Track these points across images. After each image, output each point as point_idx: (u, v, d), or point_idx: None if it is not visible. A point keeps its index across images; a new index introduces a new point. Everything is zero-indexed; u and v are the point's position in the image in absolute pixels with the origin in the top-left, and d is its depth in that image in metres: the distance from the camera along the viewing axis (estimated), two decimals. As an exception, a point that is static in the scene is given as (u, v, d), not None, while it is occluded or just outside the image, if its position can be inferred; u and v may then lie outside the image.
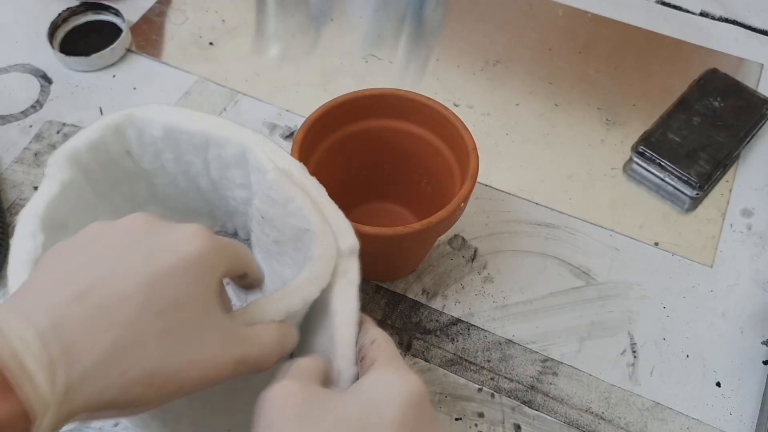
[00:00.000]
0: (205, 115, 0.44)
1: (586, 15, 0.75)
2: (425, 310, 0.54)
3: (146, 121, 0.43)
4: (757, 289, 0.56)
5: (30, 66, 0.68)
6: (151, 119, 0.43)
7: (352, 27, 0.73)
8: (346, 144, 0.53)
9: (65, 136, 0.63)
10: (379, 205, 0.58)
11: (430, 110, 0.51)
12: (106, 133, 0.43)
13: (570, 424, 0.50)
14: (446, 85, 0.68)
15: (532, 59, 0.71)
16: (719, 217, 0.60)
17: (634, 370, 0.52)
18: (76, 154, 0.41)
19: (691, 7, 0.75)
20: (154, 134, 0.44)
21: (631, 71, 0.70)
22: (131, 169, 0.46)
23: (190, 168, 0.46)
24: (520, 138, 0.65)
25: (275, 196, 0.41)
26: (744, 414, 0.50)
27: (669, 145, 0.62)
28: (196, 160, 0.45)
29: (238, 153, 0.43)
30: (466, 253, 0.57)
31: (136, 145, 0.44)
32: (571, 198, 0.61)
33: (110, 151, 0.43)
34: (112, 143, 0.43)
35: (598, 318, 0.54)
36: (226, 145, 0.43)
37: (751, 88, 0.66)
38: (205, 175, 0.47)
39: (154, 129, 0.43)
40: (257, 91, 0.67)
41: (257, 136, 0.43)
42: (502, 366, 0.52)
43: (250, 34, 0.72)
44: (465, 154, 0.49)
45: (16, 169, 0.61)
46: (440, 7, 0.75)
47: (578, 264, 0.57)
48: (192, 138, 0.43)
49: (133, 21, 0.72)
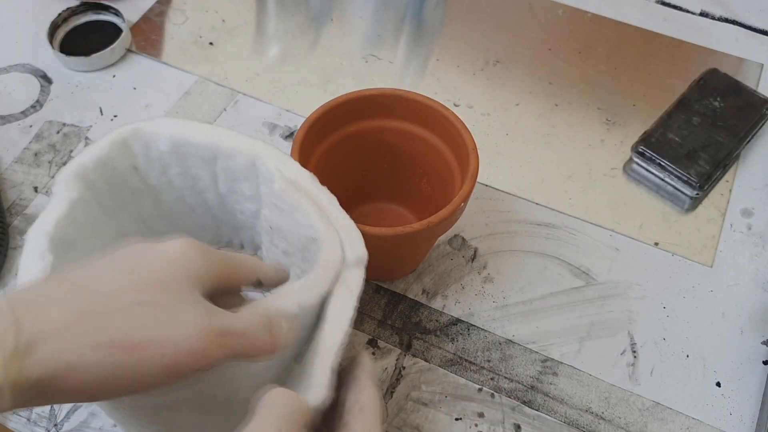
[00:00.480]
0: (214, 127, 0.44)
1: (586, 15, 0.75)
2: (425, 310, 0.54)
3: (153, 136, 0.43)
4: (757, 289, 0.56)
5: (30, 66, 0.68)
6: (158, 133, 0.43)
7: (352, 27, 0.73)
8: (346, 144, 0.53)
9: (65, 136, 0.63)
10: (379, 205, 0.58)
11: (430, 110, 0.51)
12: (113, 148, 0.42)
13: (570, 424, 0.50)
14: (446, 85, 0.68)
15: (532, 59, 0.71)
16: (719, 217, 0.60)
17: (634, 370, 0.52)
18: (84, 171, 0.41)
19: (691, 7, 0.75)
20: (161, 148, 0.43)
21: (631, 71, 0.70)
22: (138, 186, 0.46)
23: (197, 182, 0.46)
24: (520, 138, 0.65)
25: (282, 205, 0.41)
26: (744, 414, 0.50)
27: (669, 145, 0.62)
28: (203, 173, 0.45)
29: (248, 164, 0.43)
30: (466, 253, 0.57)
31: (143, 160, 0.44)
32: (571, 198, 0.61)
33: (117, 167, 0.43)
34: (119, 159, 0.43)
35: (598, 318, 0.54)
36: (236, 157, 0.43)
37: (751, 88, 0.66)
38: (212, 189, 0.46)
39: (161, 143, 0.43)
40: (257, 91, 0.67)
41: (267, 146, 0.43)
42: (502, 366, 0.52)
43: (250, 34, 0.72)
44: (465, 154, 0.49)
45: (16, 169, 0.61)
46: (440, 7, 0.75)
47: (578, 264, 0.57)
48: (200, 151, 0.43)
49: (133, 21, 0.72)
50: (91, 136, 0.63)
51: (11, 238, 0.57)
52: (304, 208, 0.39)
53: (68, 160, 0.62)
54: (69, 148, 0.62)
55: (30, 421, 0.49)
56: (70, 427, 0.48)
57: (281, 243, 0.43)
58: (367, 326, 0.53)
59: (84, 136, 0.63)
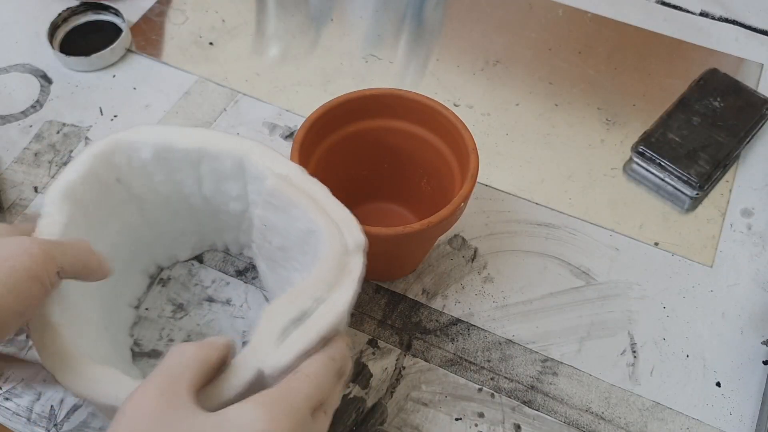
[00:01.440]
0: (198, 129, 0.44)
1: (586, 15, 0.75)
2: (425, 310, 0.54)
3: (134, 145, 0.43)
4: (757, 289, 0.56)
5: (30, 66, 0.68)
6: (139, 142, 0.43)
7: (352, 27, 0.73)
8: (346, 144, 0.53)
9: (65, 136, 0.63)
10: (379, 205, 0.58)
11: (430, 110, 0.51)
12: (95, 163, 0.42)
13: (570, 424, 0.50)
14: (446, 85, 0.68)
15: (532, 59, 0.71)
16: (719, 217, 0.60)
17: (634, 370, 0.52)
18: (71, 188, 0.41)
19: (691, 7, 0.75)
20: (143, 157, 0.43)
21: (631, 71, 0.70)
22: (123, 197, 0.46)
23: (182, 187, 0.46)
24: (520, 138, 0.65)
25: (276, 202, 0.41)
26: (744, 414, 0.50)
27: (669, 145, 0.62)
28: (187, 178, 0.45)
29: (235, 163, 0.43)
30: (466, 253, 0.57)
31: (126, 171, 0.44)
32: (571, 198, 0.61)
33: (101, 180, 0.43)
34: (102, 172, 0.43)
35: (598, 318, 0.54)
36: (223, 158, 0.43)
37: (751, 88, 0.66)
38: (197, 192, 0.46)
39: (144, 152, 0.43)
40: (257, 91, 0.67)
41: (253, 143, 0.43)
42: (502, 366, 0.52)
43: (250, 34, 0.72)
44: (465, 154, 0.49)
45: (16, 169, 0.61)
46: (440, 7, 0.75)
47: (578, 264, 0.57)
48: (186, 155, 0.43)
49: (133, 21, 0.72)
50: (91, 136, 0.63)
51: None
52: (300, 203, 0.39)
53: (68, 160, 0.62)
54: (69, 148, 0.62)
55: (30, 421, 0.49)
56: (70, 427, 0.48)
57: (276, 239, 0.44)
58: (367, 326, 0.53)
59: (84, 136, 0.63)
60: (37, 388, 0.50)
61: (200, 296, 0.54)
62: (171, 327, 0.52)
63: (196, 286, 0.55)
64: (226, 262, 0.56)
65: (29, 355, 0.51)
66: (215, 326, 0.53)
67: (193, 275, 0.55)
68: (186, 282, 0.55)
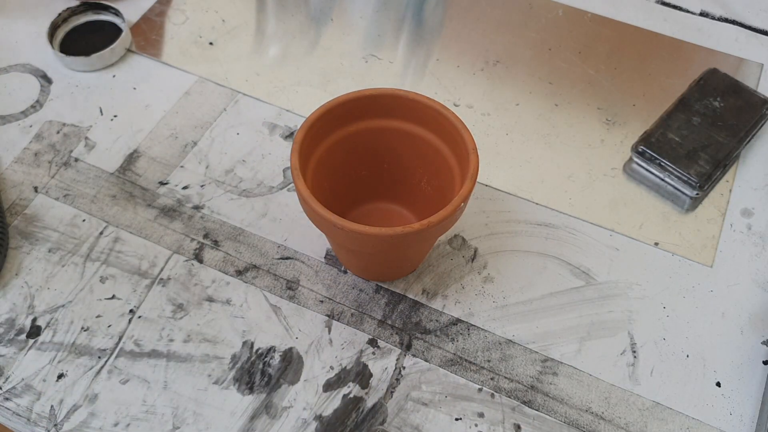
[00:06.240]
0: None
1: (586, 15, 0.75)
2: (425, 310, 0.54)
3: None
4: (757, 289, 0.56)
5: (30, 66, 0.68)
6: None
7: (352, 27, 0.73)
8: (346, 144, 0.53)
9: (65, 136, 0.63)
10: (379, 205, 0.58)
11: (430, 110, 0.51)
12: None
13: (570, 424, 0.50)
14: (446, 85, 0.68)
15: (532, 59, 0.71)
16: (719, 217, 0.60)
17: (634, 370, 0.52)
18: None
19: (691, 7, 0.75)
20: None
21: (630, 71, 0.70)
22: None
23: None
24: (520, 138, 0.65)
25: None
26: (744, 414, 0.50)
27: (669, 145, 0.62)
28: None
29: None
30: (466, 253, 0.57)
31: None
32: (571, 198, 0.61)
33: None
34: None
35: (598, 318, 0.54)
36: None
37: (751, 88, 0.66)
38: None
39: None
40: (257, 91, 0.67)
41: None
42: (502, 366, 0.52)
43: (250, 34, 0.72)
44: (465, 154, 0.49)
45: (16, 169, 0.61)
46: (440, 7, 0.75)
47: (578, 264, 0.57)
48: None
49: (133, 21, 0.72)
50: (91, 136, 0.63)
51: (11, 238, 0.57)
52: None
53: (68, 160, 0.62)
54: (69, 148, 0.62)
55: (30, 421, 0.49)
56: (70, 427, 0.48)
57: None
58: (367, 326, 0.53)
59: (84, 136, 0.63)
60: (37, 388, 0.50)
61: (200, 296, 0.54)
62: (171, 327, 0.52)
63: (196, 286, 0.55)
64: (226, 262, 0.56)
65: (29, 354, 0.51)
66: (215, 326, 0.53)
67: (193, 275, 0.55)
68: (186, 282, 0.55)
